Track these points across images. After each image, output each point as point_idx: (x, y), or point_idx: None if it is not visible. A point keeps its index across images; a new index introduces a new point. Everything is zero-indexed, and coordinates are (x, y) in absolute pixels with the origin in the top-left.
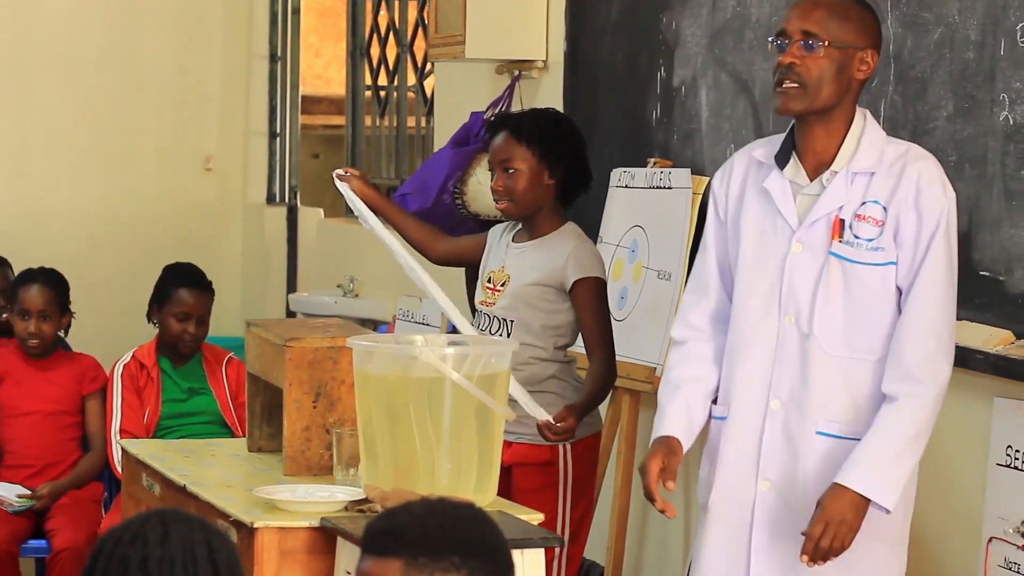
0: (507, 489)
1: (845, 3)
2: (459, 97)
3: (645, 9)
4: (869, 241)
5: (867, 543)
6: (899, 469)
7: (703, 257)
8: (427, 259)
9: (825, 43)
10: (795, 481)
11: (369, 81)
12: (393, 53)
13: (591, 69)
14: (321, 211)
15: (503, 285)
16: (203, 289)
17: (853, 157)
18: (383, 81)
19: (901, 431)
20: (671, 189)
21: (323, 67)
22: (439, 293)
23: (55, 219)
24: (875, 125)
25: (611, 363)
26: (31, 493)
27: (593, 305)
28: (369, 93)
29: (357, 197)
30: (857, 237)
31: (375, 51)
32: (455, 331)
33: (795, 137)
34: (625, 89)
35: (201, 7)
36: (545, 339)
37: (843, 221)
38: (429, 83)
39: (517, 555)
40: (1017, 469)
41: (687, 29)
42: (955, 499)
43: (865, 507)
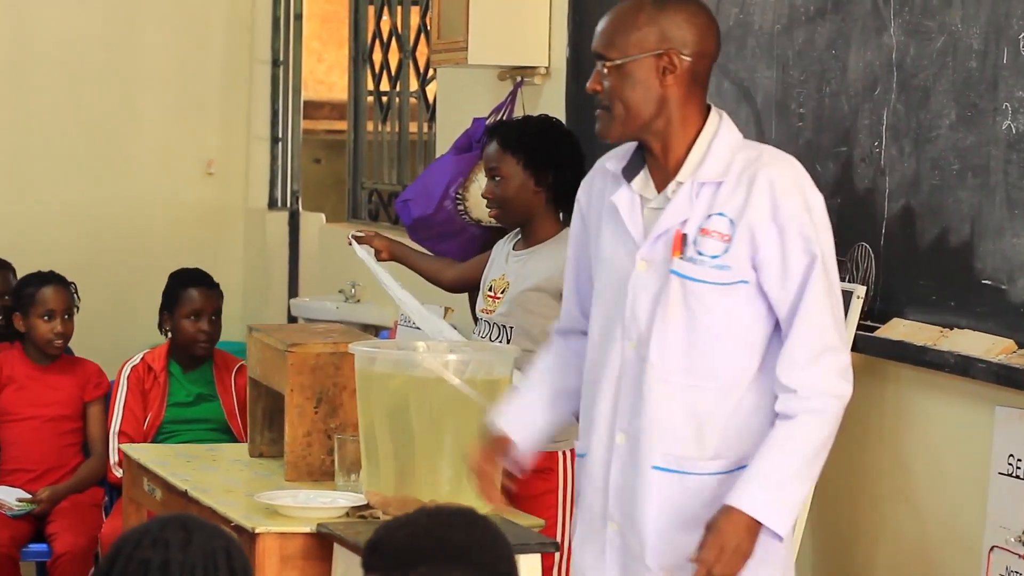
0: (505, 496)
1: (634, 10)
2: (461, 103)
3: None
4: (713, 258)
5: (758, 567)
6: (795, 495)
7: (566, 267)
8: (440, 287)
9: (615, 61)
10: (634, 522)
11: (371, 86)
12: (395, 58)
13: None
14: (323, 216)
15: (503, 292)
16: (211, 287)
17: (700, 166)
18: (385, 86)
19: (798, 453)
20: None
21: (325, 72)
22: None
23: (55, 224)
24: (730, 128)
25: None
26: (31, 497)
27: None
28: (371, 98)
29: (372, 259)
30: (700, 254)
31: (377, 56)
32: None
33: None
34: None
35: (203, 12)
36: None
37: (685, 236)
38: (431, 89)
39: None
40: (1019, 478)
41: None
42: (956, 508)
43: (758, 532)
